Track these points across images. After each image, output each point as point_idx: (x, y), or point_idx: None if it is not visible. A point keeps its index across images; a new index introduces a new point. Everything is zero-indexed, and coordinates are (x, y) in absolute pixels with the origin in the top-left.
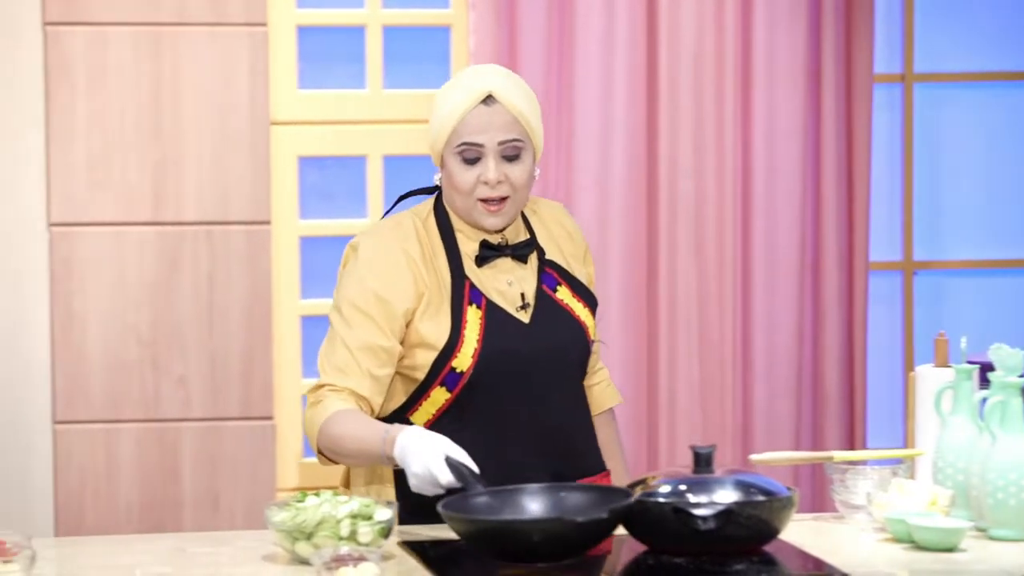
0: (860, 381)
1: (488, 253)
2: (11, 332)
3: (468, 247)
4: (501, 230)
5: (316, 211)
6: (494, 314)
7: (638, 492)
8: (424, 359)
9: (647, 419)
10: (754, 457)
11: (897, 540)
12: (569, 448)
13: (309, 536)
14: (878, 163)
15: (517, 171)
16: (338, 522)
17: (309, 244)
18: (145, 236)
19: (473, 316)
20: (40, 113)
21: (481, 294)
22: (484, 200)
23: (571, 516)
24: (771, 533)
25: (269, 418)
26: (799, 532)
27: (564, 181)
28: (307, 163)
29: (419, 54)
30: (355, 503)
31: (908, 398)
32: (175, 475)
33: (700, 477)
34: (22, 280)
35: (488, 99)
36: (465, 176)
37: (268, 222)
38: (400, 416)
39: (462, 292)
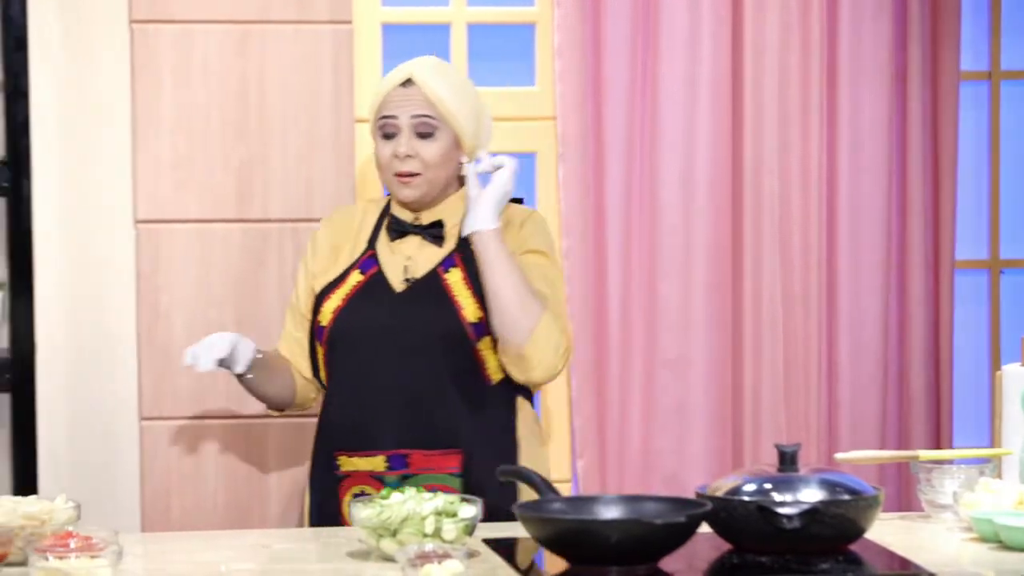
0: (946, 380)
1: (397, 227)
2: (98, 329)
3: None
4: (417, 205)
5: None
6: (373, 281)
7: (720, 492)
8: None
9: (731, 417)
10: (839, 456)
11: (983, 540)
12: (420, 418)
13: (394, 533)
14: (964, 161)
15: (429, 148)
16: (423, 519)
17: None
18: (230, 233)
19: (352, 279)
20: (126, 111)
21: (375, 263)
22: (398, 174)
23: (649, 518)
24: (856, 532)
25: None
26: (884, 531)
27: (648, 178)
28: None
29: (504, 52)
30: (440, 500)
31: (995, 397)
32: (261, 471)
33: (785, 476)
34: (108, 277)
35: (407, 82)
36: (383, 150)
37: None
38: (316, 373)
39: (358, 260)
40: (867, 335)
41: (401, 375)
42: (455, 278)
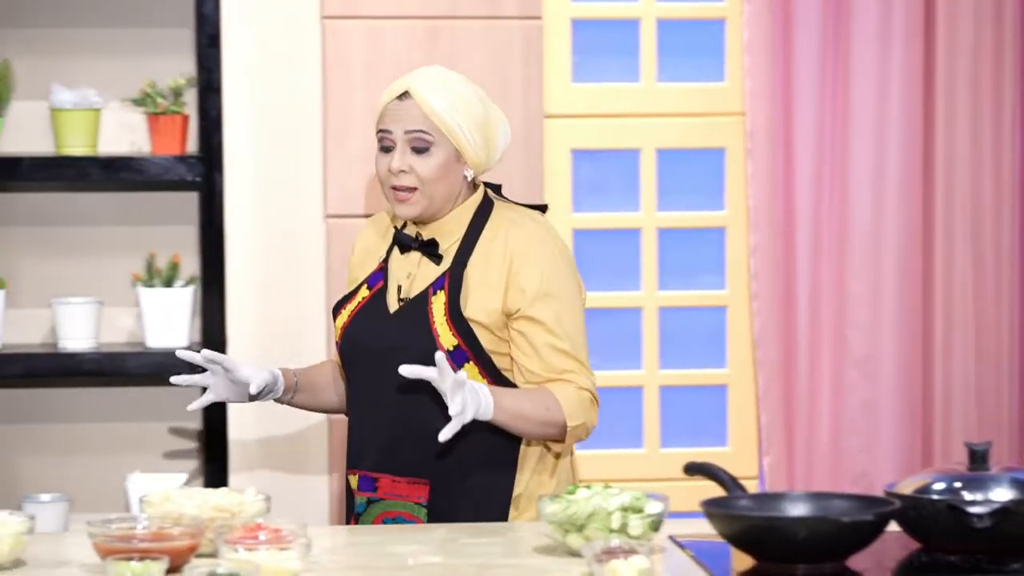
0: None
1: (401, 240)
2: (288, 322)
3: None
4: (417, 221)
5: (589, 204)
6: (375, 298)
7: (909, 490)
8: None
9: (921, 415)
10: None
11: None
12: (390, 443)
13: (580, 528)
14: None
15: (424, 164)
16: (609, 515)
17: (581, 237)
18: None
19: (360, 294)
20: (318, 106)
21: (382, 278)
22: (394, 188)
23: (837, 516)
24: None
25: None
26: None
27: (839, 175)
28: (580, 156)
29: (693, 47)
30: (626, 496)
31: None
32: None
33: (975, 474)
34: (299, 271)
35: (404, 95)
36: (380, 164)
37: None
38: None
39: (371, 272)
40: None
41: (384, 398)
42: (438, 303)
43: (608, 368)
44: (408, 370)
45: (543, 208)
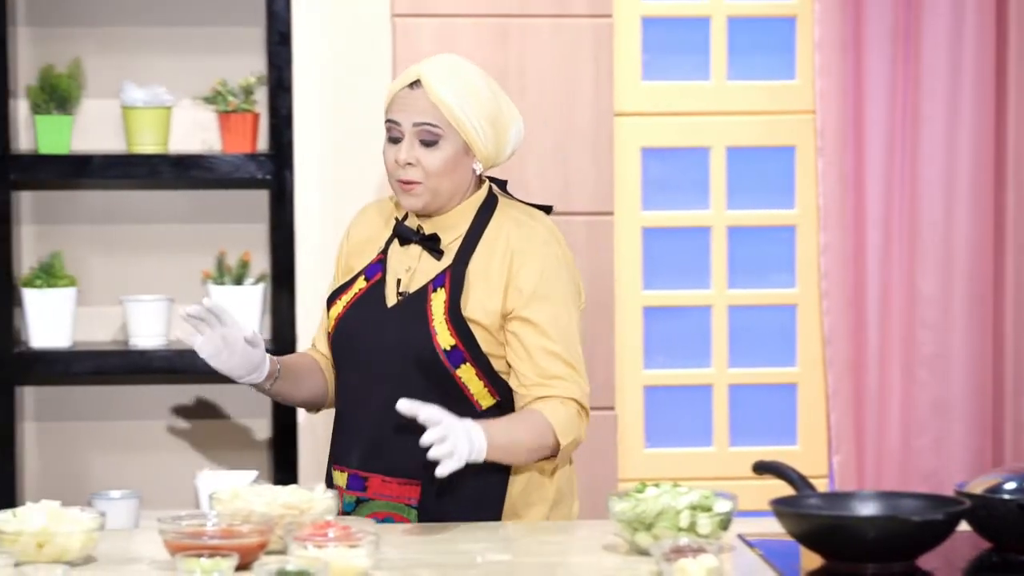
0: None
1: (401, 233)
2: None
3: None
4: (423, 213)
5: (659, 202)
6: (373, 290)
7: (979, 490)
8: None
9: (992, 414)
10: None
11: None
12: (380, 442)
13: (649, 526)
14: None
15: (430, 157)
16: (678, 513)
17: (651, 235)
18: None
19: (357, 285)
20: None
21: (381, 269)
22: (400, 180)
23: (906, 515)
24: None
25: (611, 408)
26: None
27: (908, 173)
28: (650, 154)
29: (764, 45)
30: (695, 494)
31: None
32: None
33: None
34: None
35: (415, 83)
36: (388, 154)
37: (611, 213)
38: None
39: (369, 263)
40: None
41: (375, 395)
42: (438, 300)
43: (677, 366)
44: (406, 407)
45: (548, 208)
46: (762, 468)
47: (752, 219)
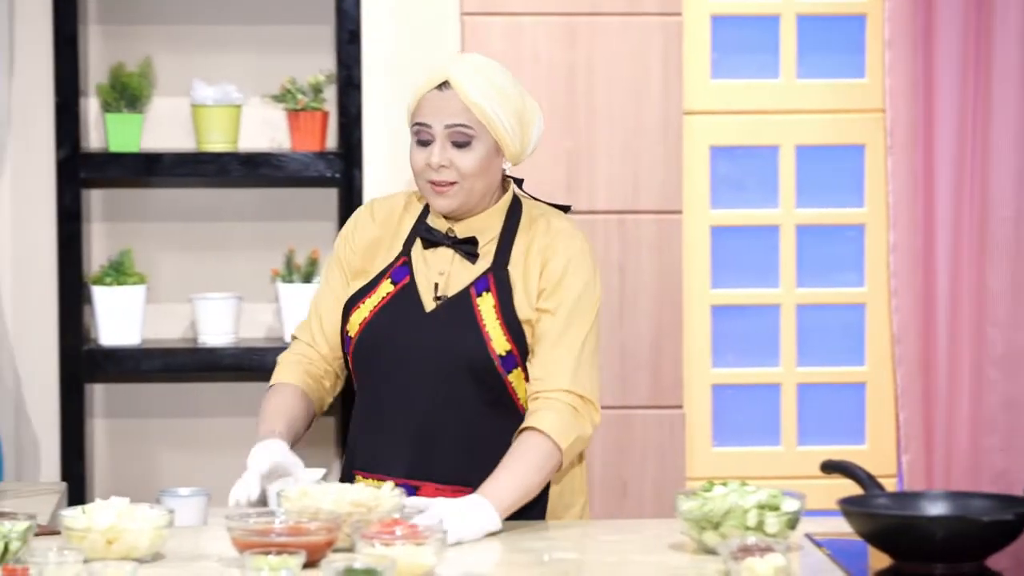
0: None
1: (429, 237)
2: None
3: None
4: (453, 216)
5: (727, 201)
6: (403, 294)
7: None
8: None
9: None
10: None
11: None
12: (429, 449)
13: (716, 525)
14: None
15: (464, 158)
16: (745, 512)
17: (720, 234)
18: None
19: (383, 289)
20: None
21: (408, 273)
22: (432, 182)
23: (976, 515)
24: None
25: (679, 407)
26: None
27: (979, 171)
28: (719, 152)
29: (834, 43)
30: (763, 493)
31: None
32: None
33: None
34: None
35: (443, 84)
36: (417, 157)
37: (679, 211)
38: (349, 380)
39: (390, 267)
40: None
41: (420, 401)
42: (487, 305)
43: (745, 365)
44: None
45: (566, 208)
46: (830, 467)
47: (821, 218)
